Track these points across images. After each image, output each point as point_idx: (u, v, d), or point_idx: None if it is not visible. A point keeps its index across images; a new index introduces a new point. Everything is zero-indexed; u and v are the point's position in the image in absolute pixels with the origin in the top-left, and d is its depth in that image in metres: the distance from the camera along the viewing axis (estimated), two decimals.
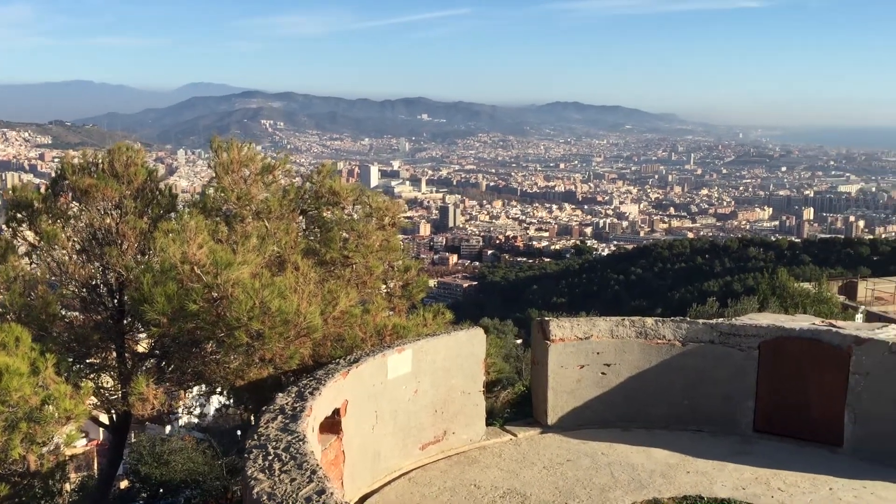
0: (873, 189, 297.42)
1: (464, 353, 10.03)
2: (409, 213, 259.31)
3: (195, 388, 12.17)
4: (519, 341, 31.72)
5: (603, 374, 10.93)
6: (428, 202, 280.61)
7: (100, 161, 9.97)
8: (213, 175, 10.31)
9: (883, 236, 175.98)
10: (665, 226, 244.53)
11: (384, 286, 11.64)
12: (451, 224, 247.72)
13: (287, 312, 8.75)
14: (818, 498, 8.73)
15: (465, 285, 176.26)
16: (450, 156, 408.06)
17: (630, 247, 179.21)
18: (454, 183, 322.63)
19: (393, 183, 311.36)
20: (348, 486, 8.19)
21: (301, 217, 11.36)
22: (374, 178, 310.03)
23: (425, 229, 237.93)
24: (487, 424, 10.66)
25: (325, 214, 11.33)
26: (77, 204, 9.79)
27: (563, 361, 10.78)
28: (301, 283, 9.41)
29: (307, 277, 9.60)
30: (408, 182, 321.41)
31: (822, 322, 11.53)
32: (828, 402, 10.32)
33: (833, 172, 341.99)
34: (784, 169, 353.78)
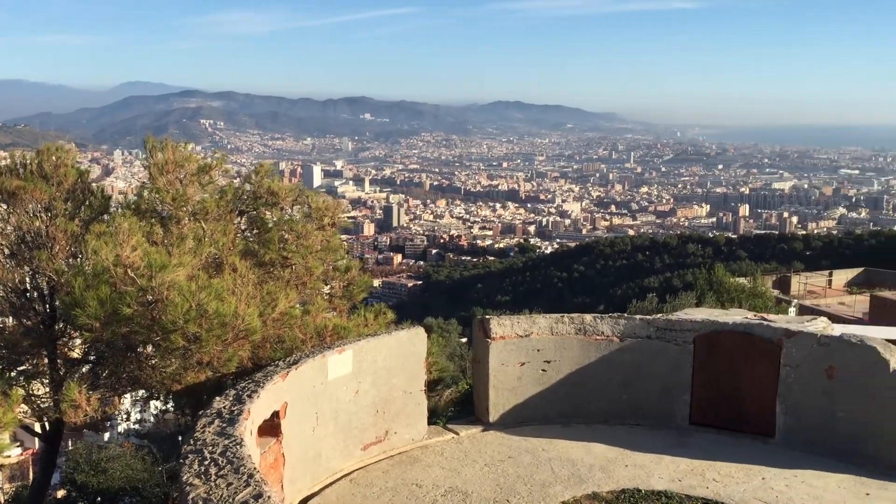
0: (806, 186, 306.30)
1: (405, 352, 10.02)
2: (352, 213, 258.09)
3: (131, 394, 11.94)
4: (464, 340, 31.85)
5: (543, 370, 11.03)
6: (372, 202, 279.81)
7: (28, 162, 9.70)
8: (149, 176, 10.13)
9: (815, 231, 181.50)
10: (607, 223, 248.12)
11: (325, 287, 11.58)
12: (395, 224, 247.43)
13: (225, 315, 8.64)
14: (751, 487, 8.96)
15: (410, 285, 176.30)
16: (393, 155, 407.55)
17: (573, 245, 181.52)
18: (398, 182, 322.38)
19: (336, 183, 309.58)
20: (288, 488, 8.12)
21: (239, 218, 11.23)
22: (317, 178, 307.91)
23: (369, 229, 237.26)
24: (430, 423, 10.68)
25: (263, 215, 11.23)
26: (4, 206, 9.50)
27: (504, 359, 10.86)
28: (239, 285, 9.31)
29: (245, 279, 9.49)
30: (351, 182, 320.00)
31: (755, 316, 11.83)
32: (760, 393, 10.59)
33: (767, 170, 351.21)
34: (721, 167, 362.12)
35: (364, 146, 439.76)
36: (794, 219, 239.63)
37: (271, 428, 7.90)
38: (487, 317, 11.09)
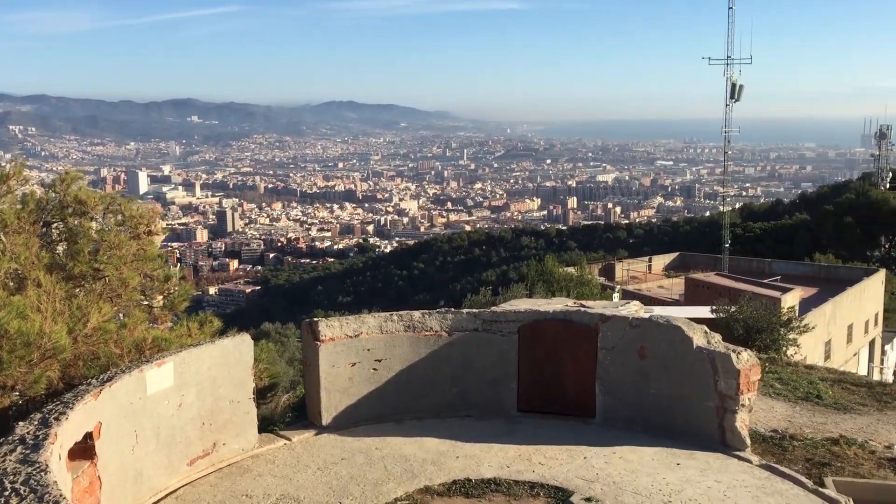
0: (627, 177, 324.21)
1: (231, 361, 9.76)
2: (183, 220, 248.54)
3: None
4: None
5: (375, 369, 11.07)
6: (204, 207, 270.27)
7: None
8: None
9: (637, 220, 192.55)
10: (444, 220, 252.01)
11: (142, 298, 11.07)
12: (229, 229, 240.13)
13: (28, 334, 8.11)
14: (574, 467, 9.40)
15: (248, 291, 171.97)
16: (224, 158, 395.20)
17: (412, 242, 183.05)
18: (231, 186, 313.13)
19: (165, 188, 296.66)
20: None
21: (44, 229, 10.54)
22: (144, 185, 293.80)
23: (202, 235, 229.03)
24: (265, 431, 10.48)
25: (72, 225, 10.59)
26: None
27: (335, 361, 10.81)
28: (45, 301, 8.75)
29: (52, 294, 8.93)
30: (181, 187, 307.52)
31: (574, 303, 12.41)
32: (581, 377, 11.13)
33: (592, 163, 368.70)
34: (549, 161, 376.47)
35: (193, 150, 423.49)
36: (618, 209, 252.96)
37: (84, 450, 7.47)
38: (316, 319, 10.99)
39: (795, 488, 8.90)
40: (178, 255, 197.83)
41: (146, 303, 11.23)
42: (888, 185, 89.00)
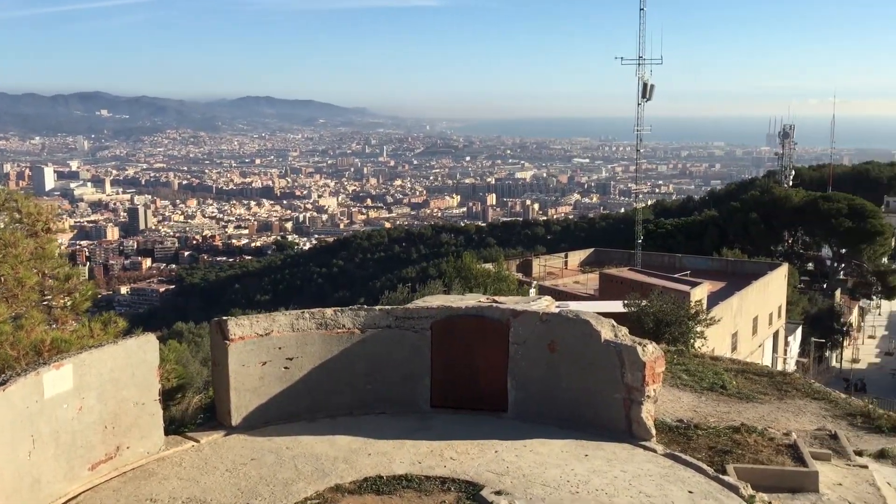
0: (544, 174, 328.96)
1: (135, 362, 9.48)
2: (93, 217, 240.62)
3: None
4: None
5: (286, 368, 10.93)
6: (114, 204, 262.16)
7: None
8: None
9: (554, 217, 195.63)
10: (363, 217, 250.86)
11: (42, 298, 10.65)
12: (142, 226, 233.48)
13: None
14: (485, 461, 9.48)
15: (162, 290, 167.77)
16: (136, 154, 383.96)
17: (331, 239, 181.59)
18: (143, 182, 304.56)
19: (73, 185, 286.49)
20: None
21: None
22: (50, 181, 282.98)
23: (113, 233, 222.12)
24: (174, 433, 10.23)
25: None
26: None
27: (245, 360, 10.62)
28: None
29: None
30: (90, 183, 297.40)
31: (487, 299, 12.48)
32: (493, 372, 11.23)
33: (510, 161, 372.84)
34: (468, 158, 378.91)
35: (102, 145, 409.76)
36: (536, 206, 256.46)
37: None
38: (224, 318, 10.77)
39: (697, 476, 9.19)
40: (87, 253, 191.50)
41: (46, 303, 10.82)
42: (791, 183, 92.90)
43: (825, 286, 68.53)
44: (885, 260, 72.09)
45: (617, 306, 26.48)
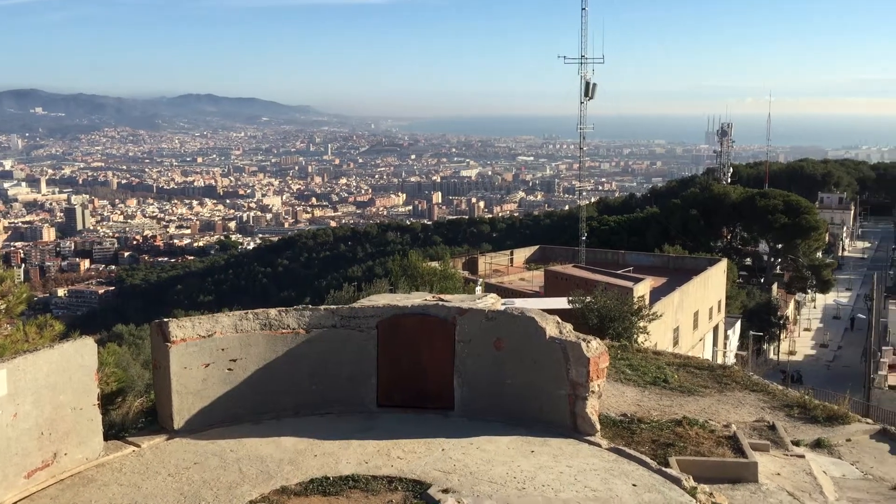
0: (490, 173, 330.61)
1: (72, 366, 9.24)
2: (28, 218, 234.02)
3: None
4: None
5: (230, 369, 10.77)
6: (51, 204, 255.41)
7: None
8: None
9: (500, 214, 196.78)
10: (308, 216, 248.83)
11: None
12: (80, 227, 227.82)
13: None
14: (432, 460, 9.48)
15: (102, 291, 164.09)
16: (73, 153, 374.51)
17: (275, 239, 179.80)
18: (80, 182, 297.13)
19: (6, 185, 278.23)
20: None
21: None
22: None
23: (49, 234, 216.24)
24: (113, 438, 9.99)
25: None
26: None
27: (187, 362, 10.43)
28: None
29: None
30: (24, 183, 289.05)
31: (433, 297, 12.48)
32: (440, 370, 11.24)
33: (455, 159, 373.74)
34: (413, 157, 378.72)
35: (37, 143, 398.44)
36: (482, 203, 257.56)
37: None
38: (166, 320, 10.56)
39: (641, 469, 9.33)
40: (22, 255, 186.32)
41: None
42: (729, 180, 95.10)
43: (762, 281, 70.26)
44: (819, 254, 74.25)
45: (562, 303, 26.75)
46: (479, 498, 8.45)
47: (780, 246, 69.82)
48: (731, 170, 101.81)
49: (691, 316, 42.79)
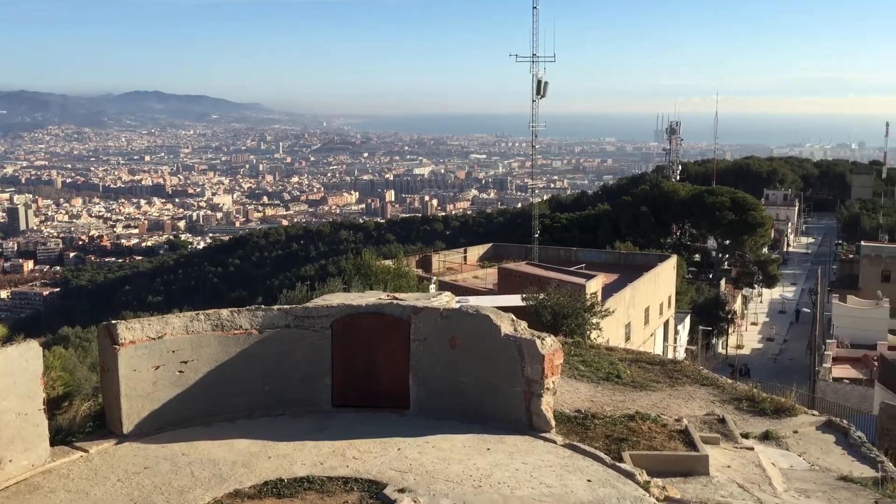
0: (442, 170, 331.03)
1: (16, 370, 8.98)
2: None
3: None
4: None
5: (181, 372, 10.59)
6: None
7: None
8: None
9: (453, 212, 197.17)
10: (260, 215, 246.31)
11: None
12: (23, 227, 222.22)
13: None
14: (388, 459, 9.43)
15: (46, 293, 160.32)
16: (15, 151, 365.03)
17: (226, 238, 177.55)
18: (23, 181, 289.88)
19: None
20: None
21: None
22: None
23: None
24: (60, 443, 9.74)
25: None
26: None
27: (136, 365, 10.22)
28: None
29: None
30: None
31: (387, 296, 12.45)
32: (395, 369, 11.19)
33: (408, 157, 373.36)
34: (366, 155, 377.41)
35: None
36: (435, 201, 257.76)
37: None
38: (114, 322, 10.34)
39: (595, 464, 9.41)
40: None
41: None
42: (678, 177, 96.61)
43: (711, 276, 71.51)
44: (765, 250, 75.86)
45: (515, 300, 26.91)
46: (436, 497, 8.43)
47: (727, 242, 71.15)
48: (680, 167, 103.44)
49: (642, 312, 43.38)
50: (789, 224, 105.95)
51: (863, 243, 71.63)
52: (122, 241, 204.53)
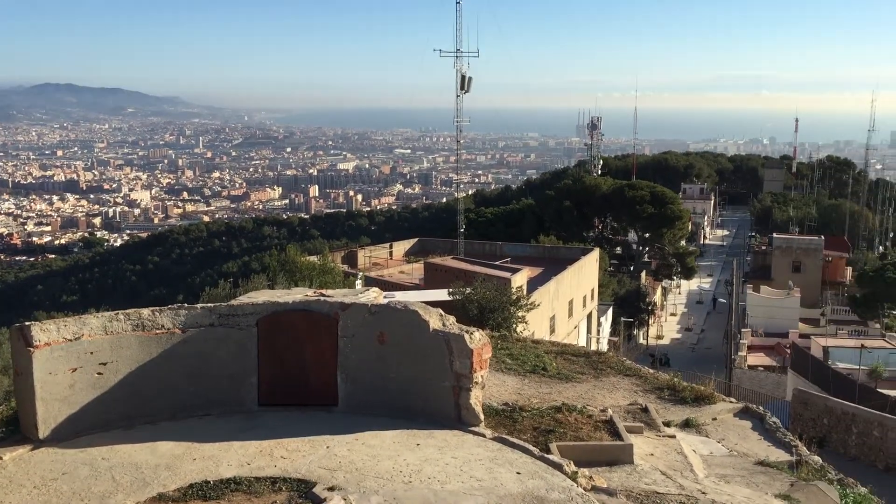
0: (367, 165, 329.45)
1: None
2: None
3: None
4: None
5: (99, 374, 10.25)
6: None
7: None
8: None
9: (378, 207, 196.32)
10: (180, 211, 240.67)
11: None
12: None
13: None
14: (317, 458, 9.34)
15: None
16: None
17: (145, 235, 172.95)
18: None
19: None
20: None
21: None
22: None
23: None
24: None
25: None
26: None
27: (52, 367, 9.85)
28: None
29: None
30: None
31: (314, 293, 12.31)
32: (323, 366, 11.08)
33: (332, 151, 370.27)
34: (289, 149, 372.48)
35: None
36: (359, 197, 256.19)
37: None
38: (27, 324, 9.94)
39: (524, 457, 9.51)
40: None
41: None
42: (599, 172, 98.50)
43: (632, 269, 73.17)
44: (683, 243, 78.01)
45: (442, 295, 26.96)
46: (366, 494, 8.39)
47: (647, 235, 72.88)
48: (601, 162, 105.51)
49: (566, 304, 44.05)
50: (705, 217, 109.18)
51: (775, 235, 74.50)
52: (34, 238, 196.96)
